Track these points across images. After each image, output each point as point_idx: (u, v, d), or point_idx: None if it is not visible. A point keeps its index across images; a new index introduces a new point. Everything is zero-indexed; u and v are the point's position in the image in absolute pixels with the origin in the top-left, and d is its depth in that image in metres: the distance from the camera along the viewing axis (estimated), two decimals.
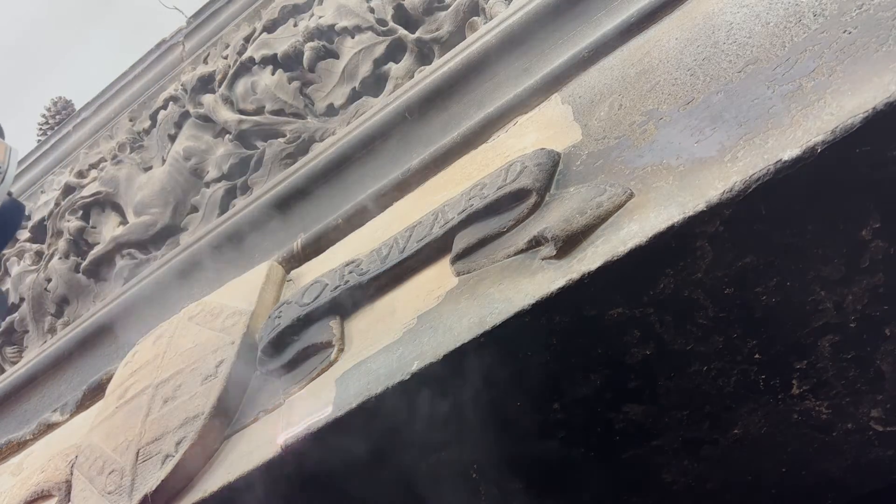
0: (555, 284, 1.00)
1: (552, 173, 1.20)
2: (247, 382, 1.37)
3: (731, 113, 1.03)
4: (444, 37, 1.74)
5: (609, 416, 1.10)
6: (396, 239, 1.34)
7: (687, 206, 0.94)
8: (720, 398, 1.07)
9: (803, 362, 1.03)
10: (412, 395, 1.08)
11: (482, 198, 1.22)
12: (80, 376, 1.95)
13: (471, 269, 1.17)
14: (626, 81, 1.27)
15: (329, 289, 1.34)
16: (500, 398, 1.08)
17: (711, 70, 1.13)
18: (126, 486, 1.29)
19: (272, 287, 1.57)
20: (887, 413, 1.06)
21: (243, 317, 1.45)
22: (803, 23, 1.06)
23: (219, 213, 1.97)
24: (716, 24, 1.20)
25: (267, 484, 1.17)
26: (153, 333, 1.66)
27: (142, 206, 2.10)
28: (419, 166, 1.53)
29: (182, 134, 2.11)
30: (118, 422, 1.45)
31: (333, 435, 1.12)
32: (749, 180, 0.91)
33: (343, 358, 1.24)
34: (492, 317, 1.03)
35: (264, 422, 1.25)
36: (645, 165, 1.08)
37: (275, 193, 1.78)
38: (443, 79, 1.60)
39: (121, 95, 2.27)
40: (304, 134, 1.88)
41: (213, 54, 2.12)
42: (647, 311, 1.00)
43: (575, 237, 1.04)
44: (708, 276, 0.97)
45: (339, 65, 1.86)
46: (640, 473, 1.16)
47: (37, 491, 1.55)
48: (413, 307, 1.21)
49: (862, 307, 0.97)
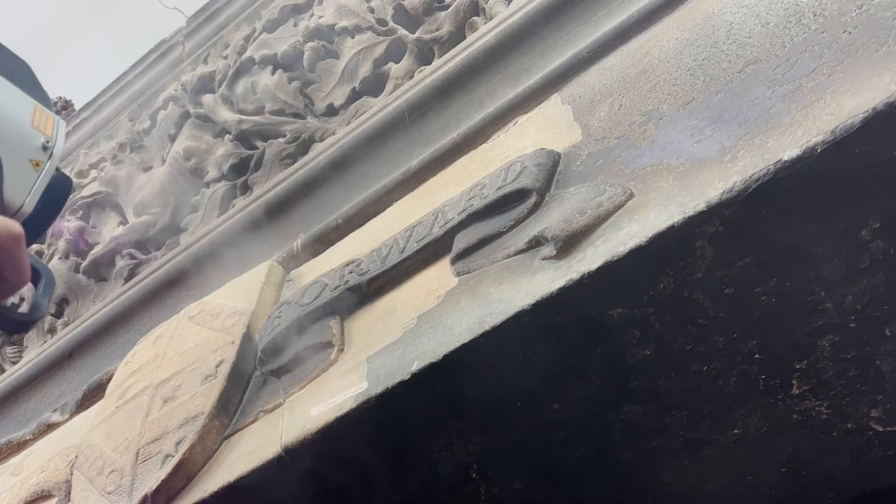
0: (555, 284, 1.00)
1: (552, 173, 1.20)
2: (247, 382, 1.37)
3: (731, 113, 1.03)
4: (444, 37, 1.74)
5: (609, 416, 1.10)
6: (396, 239, 1.34)
7: (687, 206, 0.94)
8: (720, 398, 1.07)
9: (803, 362, 1.03)
10: (412, 394, 1.08)
11: (482, 198, 1.22)
12: (80, 376, 1.95)
13: (471, 269, 1.17)
14: (626, 81, 1.27)
15: (329, 289, 1.34)
16: (499, 398, 1.08)
17: (711, 70, 1.13)
18: (126, 486, 1.29)
19: (272, 287, 1.57)
20: (887, 413, 1.06)
21: (243, 317, 1.45)
22: (803, 23, 1.06)
23: (219, 213, 1.97)
24: (716, 24, 1.20)
25: (267, 484, 1.17)
26: (153, 333, 1.66)
27: (142, 206, 2.10)
28: (419, 166, 1.53)
29: (182, 134, 2.11)
30: (118, 422, 1.45)
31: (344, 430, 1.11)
32: (749, 180, 0.91)
33: (343, 358, 1.24)
34: (492, 317, 1.03)
35: (264, 422, 1.25)
36: (645, 165, 1.08)
37: (275, 193, 1.78)
38: (443, 79, 1.60)
39: (121, 95, 2.27)
40: (304, 134, 1.88)
41: (213, 54, 2.12)
42: (647, 311, 1.00)
43: (575, 237, 1.04)
44: (708, 276, 0.97)
45: (339, 65, 1.86)
46: (640, 474, 1.16)
47: (37, 491, 1.55)
48: (413, 307, 1.21)
49: (862, 307, 0.97)
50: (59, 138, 0.71)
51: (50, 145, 0.70)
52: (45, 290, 0.70)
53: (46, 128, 0.70)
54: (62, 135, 0.72)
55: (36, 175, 0.68)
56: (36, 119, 0.70)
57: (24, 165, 0.67)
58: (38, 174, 0.69)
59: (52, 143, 0.70)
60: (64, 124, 0.73)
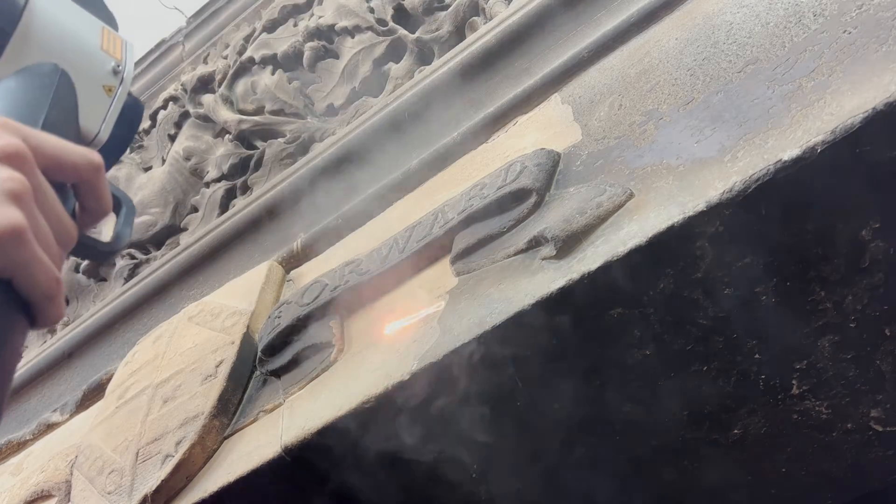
0: (555, 284, 1.00)
1: (552, 173, 1.20)
2: (247, 382, 1.37)
3: (731, 113, 1.03)
4: (444, 37, 1.74)
5: (609, 417, 1.10)
6: (396, 239, 1.34)
7: (687, 206, 0.94)
8: (720, 398, 1.07)
9: (803, 362, 1.03)
10: (412, 394, 1.08)
11: (482, 198, 1.22)
12: (80, 376, 1.95)
13: (471, 269, 1.17)
14: (626, 81, 1.27)
15: (329, 289, 1.34)
16: (499, 399, 1.08)
17: (711, 70, 1.13)
18: (126, 486, 1.29)
19: (272, 287, 1.57)
20: (887, 413, 1.06)
21: (243, 317, 1.45)
22: (803, 23, 1.06)
23: (219, 213, 1.97)
24: (716, 24, 1.20)
25: (267, 484, 1.17)
26: (153, 333, 1.66)
27: (142, 206, 2.10)
28: (419, 166, 1.53)
29: (182, 134, 2.11)
30: (118, 422, 1.45)
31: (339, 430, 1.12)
32: (749, 180, 0.91)
33: (343, 358, 1.24)
34: (492, 317, 1.03)
35: (264, 422, 1.25)
36: (645, 165, 1.08)
37: (275, 193, 1.78)
38: (442, 79, 1.60)
39: None
40: (304, 134, 1.88)
41: (213, 54, 2.12)
42: (647, 311, 1.00)
43: (575, 237, 1.04)
44: (708, 276, 0.97)
45: (339, 65, 1.86)
46: (640, 474, 1.16)
47: (37, 491, 1.55)
48: (413, 307, 1.21)
49: (862, 307, 0.97)
50: (130, 61, 0.69)
51: (121, 69, 0.68)
52: (127, 218, 0.68)
53: (116, 51, 0.68)
54: (132, 57, 0.69)
55: (109, 101, 0.66)
56: (105, 42, 0.67)
57: (97, 92, 0.65)
58: (112, 100, 0.67)
59: (123, 67, 0.68)
60: (133, 46, 0.70)
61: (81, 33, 0.66)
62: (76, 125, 0.63)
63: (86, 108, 0.64)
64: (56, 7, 0.65)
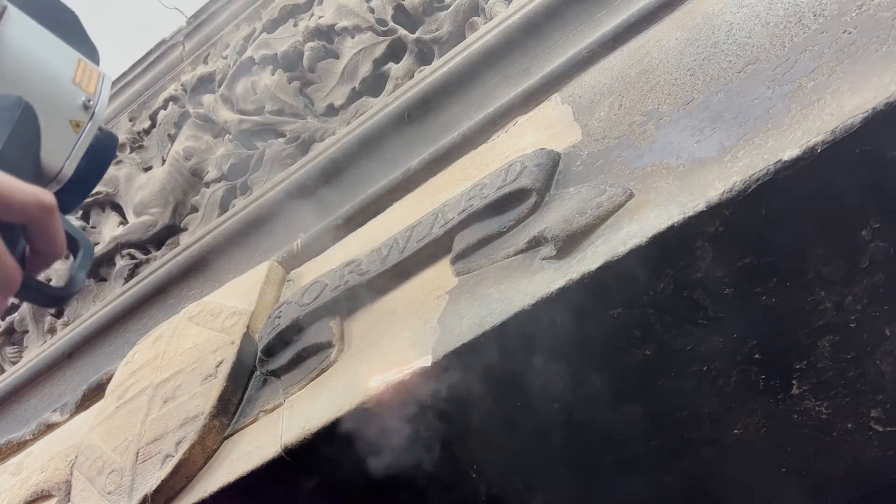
0: (555, 284, 1.00)
1: (552, 173, 1.20)
2: (247, 383, 1.37)
3: (731, 113, 1.03)
4: (444, 37, 1.74)
5: (609, 417, 1.09)
6: (396, 239, 1.34)
7: (687, 206, 0.94)
8: (720, 398, 1.07)
9: (803, 362, 1.03)
10: (412, 395, 1.08)
11: (482, 198, 1.22)
12: (80, 376, 1.95)
13: (471, 269, 1.17)
14: (626, 81, 1.27)
15: (329, 289, 1.34)
16: (498, 399, 1.08)
17: (711, 70, 1.13)
18: (126, 487, 1.29)
19: (272, 287, 1.57)
20: (887, 413, 1.06)
21: (243, 317, 1.45)
22: (803, 23, 1.06)
23: (219, 213, 1.97)
24: (716, 24, 1.20)
25: (267, 484, 1.17)
26: (153, 333, 1.66)
27: (142, 206, 2.10)
28: (419, 166, 1.53)
29: (182, 134, 2.11)
30: (118, 422, 1.45)
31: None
32: (749, 180, 0.91)
33: (343, 358, 1.24)
34: (491, 317, 1.03)
35: (264, 422, 1.25)
36: (645, 165, 1.08)
37: (274, 194, 1.78)
38: (443, 79, 1.60)
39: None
40: (304, 134, 1.88)
41: (213, 54, 2.12)
42: (647, 311, 1.00)
43: (575, 237, 1.04)
44: (708, 276, 0.97)
45: (339, 65, 1.86)
46: (640, 474, 1.16)
47: (37, 491, 1.55)
48: (413, 307, 1.21)
49: (862, 307, 0.97)
50: (104, 95, 0.66)
51: (92, 104, 0.65)
52: (83, 261, 0.64)
53: (89, 84, 0.66)
54: (107, 90, 0.67)
55: (76, 136, 0.64)
56: (79, 75, 0.65)
57: (63, 127, 0.63)
58: (79, 136, 0.64)
59: (95, 102, 0.65)
60: (110, 78, 0.68)
61: (52, 65, 0.64)
62: (37, 161, 0.60)
63: (50, 143, 0.61)
64: (27, 37, 0.63)
